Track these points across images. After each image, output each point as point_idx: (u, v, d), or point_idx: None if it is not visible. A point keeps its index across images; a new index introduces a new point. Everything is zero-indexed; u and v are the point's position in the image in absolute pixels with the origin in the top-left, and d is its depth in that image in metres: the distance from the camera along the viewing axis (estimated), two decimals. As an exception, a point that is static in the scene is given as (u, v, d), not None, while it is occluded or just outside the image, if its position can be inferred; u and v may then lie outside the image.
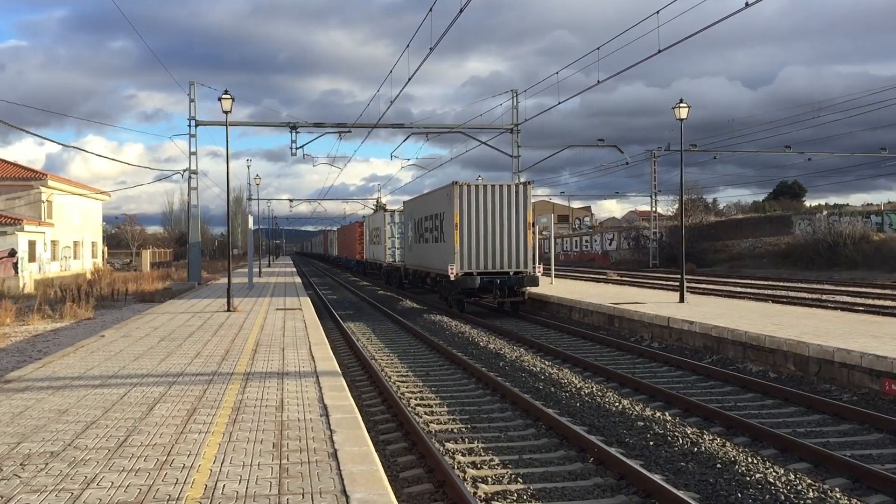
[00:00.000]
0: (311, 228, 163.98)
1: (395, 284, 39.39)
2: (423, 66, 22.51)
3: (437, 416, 10.92)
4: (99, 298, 31.70)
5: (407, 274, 35.40)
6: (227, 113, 22.56)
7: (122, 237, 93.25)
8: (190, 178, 37.28)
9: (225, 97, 22.14)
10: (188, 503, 5.54)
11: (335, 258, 79.57)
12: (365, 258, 51.04)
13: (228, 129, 24.40)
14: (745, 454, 8.52)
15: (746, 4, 16.18)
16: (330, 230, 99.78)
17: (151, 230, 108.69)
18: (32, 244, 41.48)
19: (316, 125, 38.20)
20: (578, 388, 12.32)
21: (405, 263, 35.70)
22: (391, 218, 40.35)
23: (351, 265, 62.05)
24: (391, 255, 39.96)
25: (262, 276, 47.10)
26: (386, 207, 48.53)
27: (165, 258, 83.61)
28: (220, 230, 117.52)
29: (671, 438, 9.20)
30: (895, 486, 7.44)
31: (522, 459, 8.64)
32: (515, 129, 37.49)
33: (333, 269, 78.85)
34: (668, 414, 10.59)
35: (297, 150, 38.02)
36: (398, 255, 38.78)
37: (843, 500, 7.07)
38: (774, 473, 7.76)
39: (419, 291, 34.05)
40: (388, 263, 40.51)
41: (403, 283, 36.64)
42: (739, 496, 7.27)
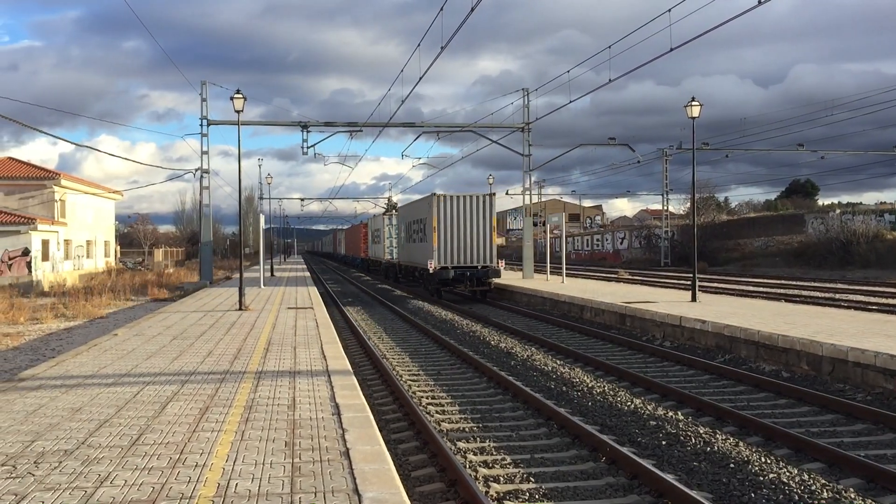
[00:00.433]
0: (322, 227, 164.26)
1: (391, 278, 44.33)
2: (433, 65, 22.49)
3: (445, 408, 10.92)
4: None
5: (401, 269, 40.30)
6: (238, 112, 22.62)
7: (134, 236, 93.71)
8: (202, 177, 37.37)
9: (237, 96, 22.20)
10: (201, 502, 5.56)
11: (343, 256, 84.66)
12: (368, 256, 55.77)
13: (240, 128, 24.48)
14: (758, 454, 8.48)
15: (759, 2, 16.08)
16: (339, 230, 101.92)
17: (163, 229, 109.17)
18: (46, 243, 41.75)
19: (327, 124, 38.21)
20: (590, 387, 12.29)
21: (399, 260, 40.61)
22: (389, 220, 44.44)
23: (356, 262, 66.93)
24: (389, 253, 44.06)
25: (273, 275, 47.21)
26: (397, 207, 51.40)
27: (177, 257, 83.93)
28: (231, 229, 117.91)
29: (684, 438, 9.17)
30: (910, 486, 7.39)
31: (534, 459, 8.63)
32: (526, 127, 37.40)
33: (341, 266, 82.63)
34: (680, 413, 10.55)
35: (308, 149, 38.06)
36: (395, 253, 42.52)
37: (857, 500, 7.03)
38: (788, 473, 7.72)
39: (410, 284, 38.74)
40: (386, 261, 45.24)
41: (399, 277, 41.51)
42: (753, 496, 7.23)
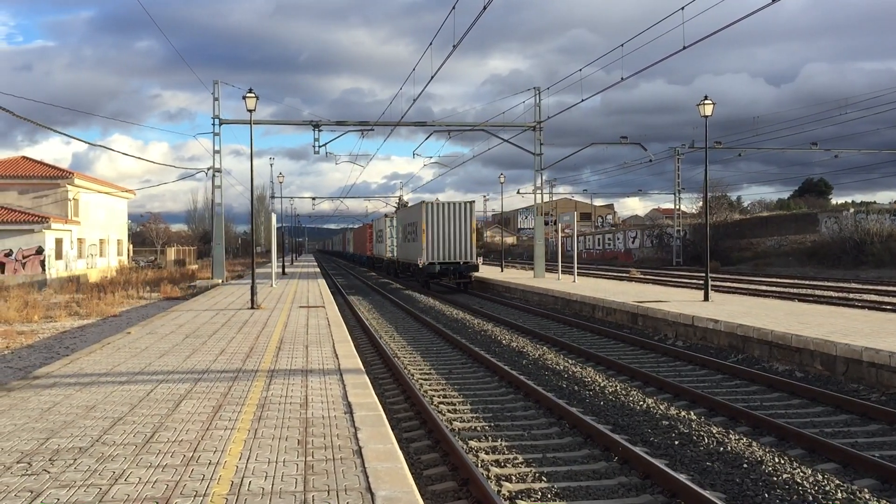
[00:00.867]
0: (333, 226, 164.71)
1: (392, 274, 49.58)
2: (444, 64, 22.51)
3: (457, 406, 10.92)
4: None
5: (399, 265, 45.58)
6: (251, 111, 22.67)
7: (146, 235, 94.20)
8: (214, 176, 37.50)
9: (249, 95, 22.26)
10: (215, 499, 5.58)
11: (351, 255, 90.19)
12: (373, 254, 60.60)
13: (252, 127, 24.54)
14: (771, 454, 8.44)
15: (771, 0, 16.00)
16: (349, 229, 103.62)
17: (176, 228, 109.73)
18: (59, 242, 42.01)
19: (338, 123, 38.28)
20: (602, 386, 12.27)
21: (398, 258, 45.71)
22: (391, 222, 48.85)
23: (363, 260, 72.26)
24: (390, 251, 48.79)
25: (285, 273, 47.34)
26: (408, 206, 53.71)
27: (189, 256, 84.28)
28: (243, 228, 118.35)
29: (696, 438, 9.14)
30: (926, 487, 7.34)
31: (546, 458, 8.62)
32: (538, 126, 37.35)
33: (349, 264, 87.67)
34: (693, 413, 10.51)
35: (319, 148, 38.14)
36: (396, 251, 46.79)
37: (871, 500, 6.99)
38: (802, 474, 7.68)
39: (407, 279, 43.61)
40: (387, 258, 50.22)
41: (398, 272, 46.42)
42: (766, 496, 7.20)
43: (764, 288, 32.06)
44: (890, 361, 11.78)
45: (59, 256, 41.81)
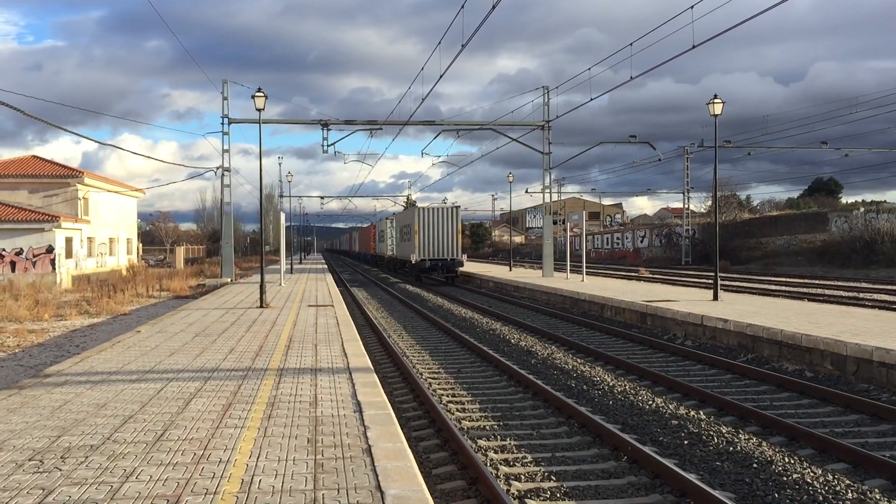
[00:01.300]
0: (341, 225, 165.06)
1: (391, 270, 54.72)
2: (453, 63, 22.47)
3: (465, 405, 10.93)
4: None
5: (397, 262, 50.29)
6: (260, 111, 22.72)
7: (155, 234, 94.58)
8: (223, 175, 37.60)
9: (258, 95, 22.30)
10: (225, 497, 5.60)
11: (357, 253, 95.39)
12: (376, 253, 65.36)
13: (261, 126, 24.61)
14: (781, 454, 8.42)
15: (782, -1, 15.92)
16: (356, 229, 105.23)
17: (185, 227, 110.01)
18: (69, 241, 42.19)
19: (347, 122, 38.34)
20: (611, 385, 12.26)
21: (396, 255, 50.68)
22: (390, 224, 53.25)
23: (367, 258, 77.90)
24: (390, 250, 53.24)
25: (293, 272, 47.42)
26: (416, 205, 56.72)
27: (198, 255, 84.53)
28: (252, 227, 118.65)
29: (706, 437, 9.12)
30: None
31: (555, 457, 8.62)
32: (547, 125, 37.32)
33: (355, 262, 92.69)
34: (702, 413, 10.49)
35: (328, 147, 38.21)
36: (396, 250, 51.17)
37: (882, 501, 6.96)
38: (812, 474, 7.66)
39: (404, 274, 48.03)
40: (388, 256, 54.91)
41: (396, 268, 51.29)
42: (776, 496, 7.19)
43: (773, 287, 31.94)
44: (901, 361, 11.72)
45: (69, 255, 41.99)
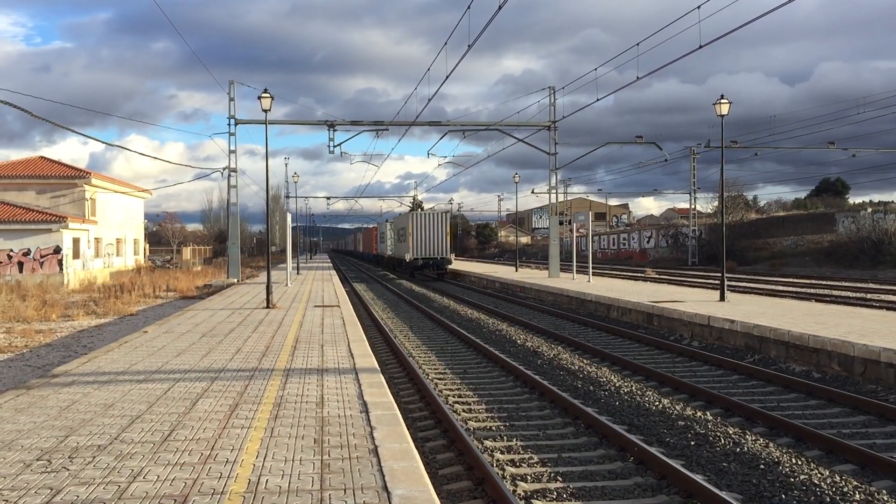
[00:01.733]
0: (347, 226, 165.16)
1: (390, 268, 60.61)
2: (459, 64, 22.49)
3: (471, 405, 10.93)
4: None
5: (394, 261, 55.53)
6: (266, 111, 22.76)
7: (162, 235, 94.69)
8: (229, 176, 37.66)
9: (265, 95, 22.35)
10: (232, 497, 5.62)
11: (361, 253, 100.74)
12: (378, 252, 70.67)
13: (268, 127, 24.65)
14: (788, 455, 8.40)
15: (788, -1, 15.88)
16: (360, 230, 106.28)
17: (191, 227, 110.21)
18: (77, 241, 42.32)
19: (353, 123, 38.35)
20: (618, 386, 12.25)
21: (393, 255, 55.96)
22: (390, 226, 58.82)
23: (370, 258, 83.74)
24: (390, 250, 58.53)
25: (300, 272, 47.49)
26: (422, 205, 60.70)
27: (205, 255, 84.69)
28: (258, 227, 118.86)
29: (713, 438, 9.10)
30: (945, 489, 7.28)
31: (562, 458, 8.61)
32: (553, 126, 37.29)
33: (360, 262, 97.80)
34: (709, 413, 10.47)
35: (334, 147, 38.24)
36: (393, 250, 56.17)
37: (890, 502, 6.95)
38: (819, 475, 7.64)
39: (401, 272, 53.33)
40: (387, 255, 60.60)
41: (394, 266, 56.70)
42: (783, 497, 7.17)
43: (780, 288, 31.86)
44: (908, 362, 11.68)
45: (76, 256, 42.12)
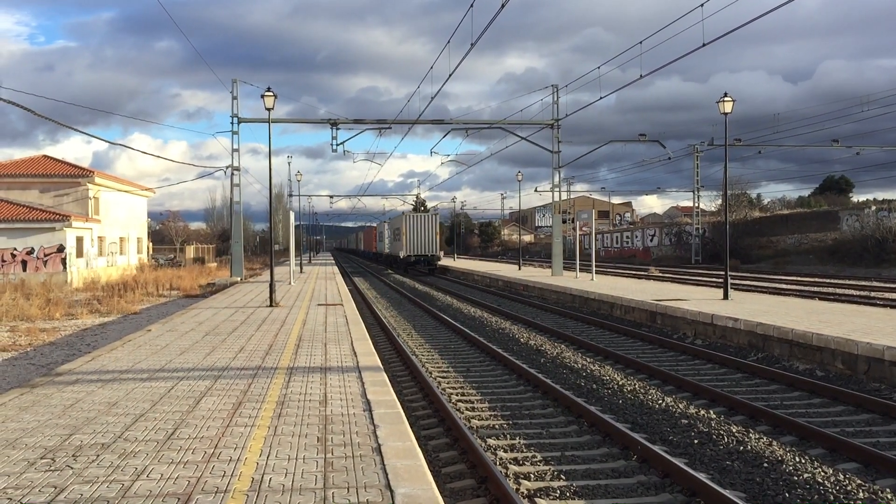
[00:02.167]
0: (350, 224, 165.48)
1: (387, 264, 65.32)
2: (461, 63, 22.47)
3: (474, 403, 10.93)
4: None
5: (391, 258, 60.84)
6: (269, 110, 22.77)
7: (165, 233, 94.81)
8: (232, 174, 37.67)
9: (268, 94, 22.35)
10: (236, 495, 5.63)
11: (362, 252, 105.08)
12: (377, 251, 75.82)
13: (271, 125, 24.66)
14: (792, 453, 8.39)
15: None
16: (364, 227, 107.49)
17: (194, 226, 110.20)
18: (80, 240, 42.36)
19: (356, 122, 38.37)
20: (621, 385, 12.24)
21: (390, 252, 61.72)
22: (387, 226, 64.38)
23: (371, 255, 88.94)
24: (387, 248, 64.12)
25: (303, 271, 47.53)
26: (425, 203, 64.34)
27: (208, 254, 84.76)
28: (261, 226, 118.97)
29: (716, 437, 9.10)
30: (949, 487, 7.27)
31: (565, 456, 8.61)
32: (556, 124, 37.26)
33: (361, 259, 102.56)
34: (712, 412, 10.47)
35: (337, 146, 38.25)
36: (389, 248, 61.82)
37: (894, 500, 6.94)
38: (823, 473, 7.63)
39: (396, 268, 58.30)
40: (385, 253, 66.03)
41: (391, 263, 61.79)
42: (787, 496, 7.16)
43: (784, 286, 31.81)
44: (912, 360, 11.66)
45: (79, 254, 42.17)
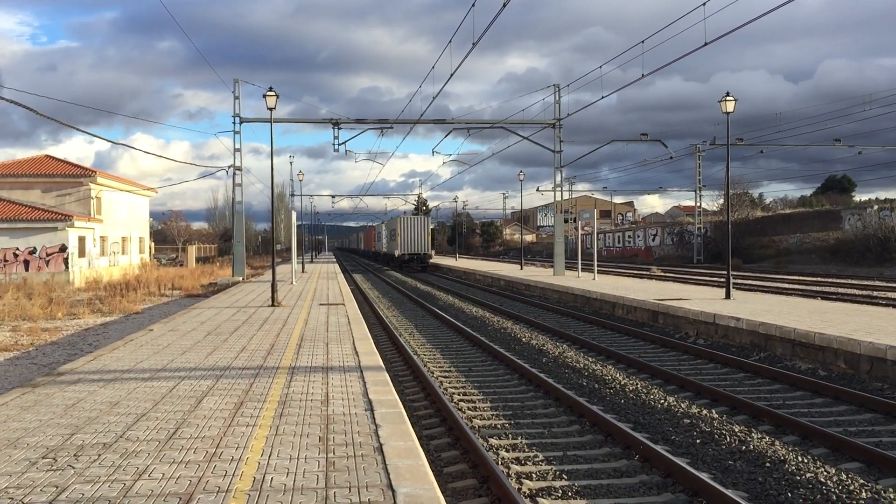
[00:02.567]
0: (352, 224, 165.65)
1: (384, 263, 69.36)
2: (463, 62, 22.45)
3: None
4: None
5: (388, 256, 65.23)
6: (271, 110, 22.76)
7: (167, 233, 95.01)
8: (234, 174, 37.69)
9: (269, 94, 22.35)
10: (237, 495, 5.62)
11: (363, 251, 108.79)
12: (376, 250, 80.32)
13: (273, 125, 24.66)
14: (794, 453, 8.38)
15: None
16: (366, 227, 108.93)
17: (196, 226, 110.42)
18: (82, 240, 42.39)
19: (358, 121, 38.36)
20: (623, 384, 12.23)
21: (387, 251, 66.45)
22: (385, 227, 69.49)
23: (370, 255, 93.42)
24: (385, 247, 68.41)
25: (305, 271, 47.54)
26: (427, 203, 67.79)
27: (210, 254, 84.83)
28: (263, 226, 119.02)
29: (718, 436, 9.08)
30: (952, 487, 7.25)
31: (567, 456, 8.60)
32: (558, 123, 37.24)
33: (362, 258, 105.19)
34: (714, 412, 10.45)
35: (339, 146, 38.27)
36: (386, 247, 66.57)
37: (897, 501, 6.92)
38: (825, 473, 7.62)
39: (392, 265, 62.25)
40: (383, 252, 70.61)
41: (388, 261, 65.66)
42: (790, 496, 7.15)
43: (786, 286, 31.77)
44: (915, 360, 11.64)
45: (82, 254, 42.20)
